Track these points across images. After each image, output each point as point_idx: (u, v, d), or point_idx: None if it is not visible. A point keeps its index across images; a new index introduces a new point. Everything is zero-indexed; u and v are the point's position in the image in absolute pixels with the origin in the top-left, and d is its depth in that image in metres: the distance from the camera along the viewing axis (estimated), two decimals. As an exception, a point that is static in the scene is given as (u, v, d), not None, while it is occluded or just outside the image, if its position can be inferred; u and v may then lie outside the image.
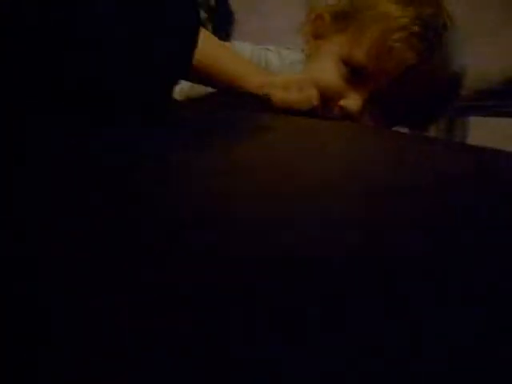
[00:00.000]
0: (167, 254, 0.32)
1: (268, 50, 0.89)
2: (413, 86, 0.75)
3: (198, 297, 0.31)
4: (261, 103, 0.70)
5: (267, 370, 0.29)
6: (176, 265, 0.32)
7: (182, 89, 0.83)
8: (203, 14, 1.34)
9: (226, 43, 0.90)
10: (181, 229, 0.34)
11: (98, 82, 0.39)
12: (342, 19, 0.80)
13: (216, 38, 0.83)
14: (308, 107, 0.72)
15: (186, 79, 0.76)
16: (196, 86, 0.82)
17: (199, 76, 0.76)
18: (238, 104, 0.70)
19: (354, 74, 0.76)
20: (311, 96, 0.73)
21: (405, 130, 0.85)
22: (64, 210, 0.34)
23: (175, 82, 0.47)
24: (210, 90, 0.80)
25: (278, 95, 0.71)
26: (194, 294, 0.31)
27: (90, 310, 0.31)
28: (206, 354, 0.30)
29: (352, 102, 0.76)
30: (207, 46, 0.78)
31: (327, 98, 0.76)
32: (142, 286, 0.31)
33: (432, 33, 0.74)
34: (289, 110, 0.70)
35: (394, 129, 0.83)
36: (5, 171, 0.36)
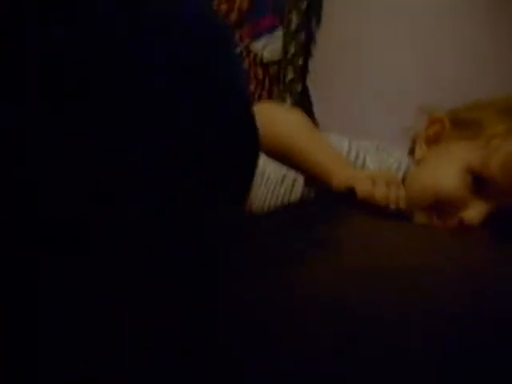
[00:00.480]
0: (168, 254, 0.32)
1: (367, 151, 0.86)
2: None
3: (198, 297, 0.31)
4: (344, 197, 0.68)
5: (267, 370, 0.29)
6: (176, 265, 0.32)
7: None
8: (291, 75, 1.35)
9: (323, 133, 0.88)
10: (182, 228, 0.34)
11: (98, 82, 0.39)
12: (466, 126, 0.78)
13: (311, 124, 0.81)
14: (394, 206, 0.71)
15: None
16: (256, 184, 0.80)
17: (282, 156, 0.75)
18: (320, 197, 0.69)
19: (479, 184, 0.74)
20: (399, 195, 0.72)
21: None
22: (64, 210, 0.34)
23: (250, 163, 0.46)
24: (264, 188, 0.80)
25: (363, 188, 0.69)
26: (195, 295, 0.31)
27: (90, 309, 0.31)
28: (206, 354, 0.30)
29: (474, 213, 0.73)
30: (300, 131, 0.77)
31: (445, 206, 0.74)
32: (142, 286, 0.31)
33: None
34: (373, 206, 0.68)
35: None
36: (5, 171, 0.36)
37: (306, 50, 1.40)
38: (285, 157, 0.77)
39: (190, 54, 0.42)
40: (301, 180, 0.81)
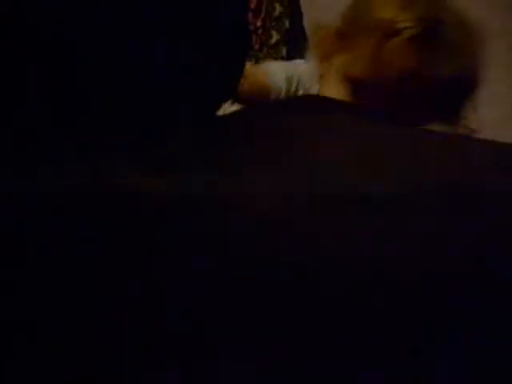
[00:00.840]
0: (168, 253, 0.32)
1: (300, 76, 0.89)
2: (419, 86, 0.74)
3: (198, 297, 0.31)
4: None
5: (266, 370, 0.29)
6: (176, 264, 0.32)
7: None
8: (277, 36, 1.37)
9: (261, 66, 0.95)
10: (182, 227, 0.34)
11: (99, 82, 0.39)
12: (344, 36, 0.79)
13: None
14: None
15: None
16: None
17: None
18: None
19: (359, 89, 0.74)
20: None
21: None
22: (64, 209, 0.34)
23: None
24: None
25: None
26: (195, 295, 0.31)
27: (90, 309, 0.31)
28: (207, 354, 0.30)
29: None
30: None
31: None
32: (142, 287, 0.31)
33: (430, 32, 0.73)
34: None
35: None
36: (5, 170, 0.36)
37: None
38: None
39: None
40: None
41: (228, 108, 0.85)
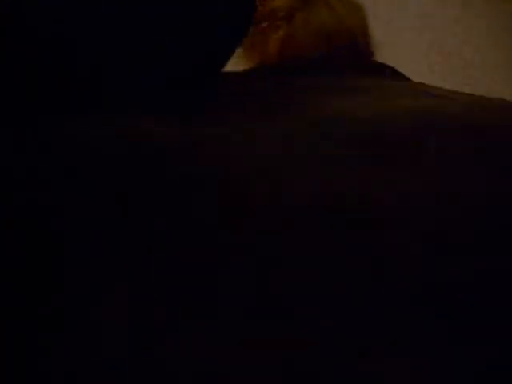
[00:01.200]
0: (168, 252, 0.33)
1: None
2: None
3: (197, 296, 0.31)
4: None
5: (266, 370, 0.29)
6: (176, 263, 0.32)
7: None
8: None
9: None
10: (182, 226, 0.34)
11: (99, 82, 0.39)
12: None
13: None
14: None
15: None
16: None
17: None
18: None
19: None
20: None
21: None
22: (63, 207, 0.34)
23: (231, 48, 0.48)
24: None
25: None
26: (194, 294, 0.31)
27: (91, 309, 0.31)
28: (207, 354, 0.30)
29: None
30: None
31: None
32: (142, 286, 0.31)
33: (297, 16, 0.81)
34: None
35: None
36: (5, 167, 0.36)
37: None
38: None
39: None
40: None
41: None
